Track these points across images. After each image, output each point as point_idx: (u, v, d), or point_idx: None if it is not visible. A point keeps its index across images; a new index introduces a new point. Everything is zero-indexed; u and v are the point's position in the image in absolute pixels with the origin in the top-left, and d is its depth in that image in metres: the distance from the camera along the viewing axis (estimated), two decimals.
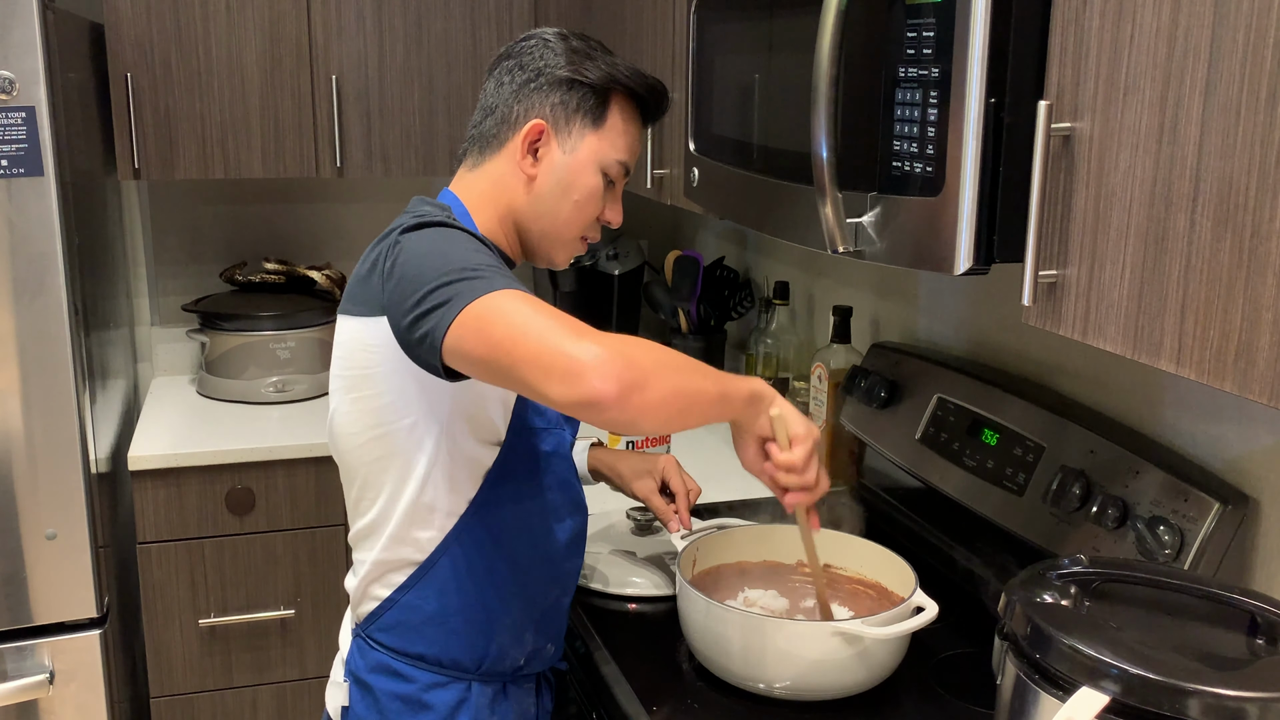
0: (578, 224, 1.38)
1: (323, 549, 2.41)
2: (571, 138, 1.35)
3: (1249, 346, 0.86)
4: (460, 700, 1.36)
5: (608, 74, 1.35)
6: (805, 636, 1.31)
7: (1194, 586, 1.04)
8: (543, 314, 1.11)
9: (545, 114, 1.34)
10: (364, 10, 2.51)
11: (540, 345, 1.09)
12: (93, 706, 2.15)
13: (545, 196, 1.36)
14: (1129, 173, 0.96)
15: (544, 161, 1.35)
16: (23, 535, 2.05)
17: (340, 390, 1.32)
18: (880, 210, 1.16)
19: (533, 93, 1.35)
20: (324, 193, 2.91)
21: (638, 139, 1.41)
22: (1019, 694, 1.00)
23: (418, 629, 1.35)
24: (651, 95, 1.39)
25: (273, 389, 2.60)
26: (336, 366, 1.33)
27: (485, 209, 1.37)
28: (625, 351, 1.09)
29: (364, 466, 1.32)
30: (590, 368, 1.06)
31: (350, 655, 1.40)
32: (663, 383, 1.11)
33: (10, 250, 1.96)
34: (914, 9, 1.09)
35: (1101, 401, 1.52)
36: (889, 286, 2.02)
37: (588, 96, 1.34)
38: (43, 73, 1.93)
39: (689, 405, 1.15)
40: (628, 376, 1.07)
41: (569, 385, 1.07)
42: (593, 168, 1.36)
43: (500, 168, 1.36)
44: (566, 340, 1.08)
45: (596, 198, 1.37)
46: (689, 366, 1.16)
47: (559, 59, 1.35)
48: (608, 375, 1.06)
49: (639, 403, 1.08)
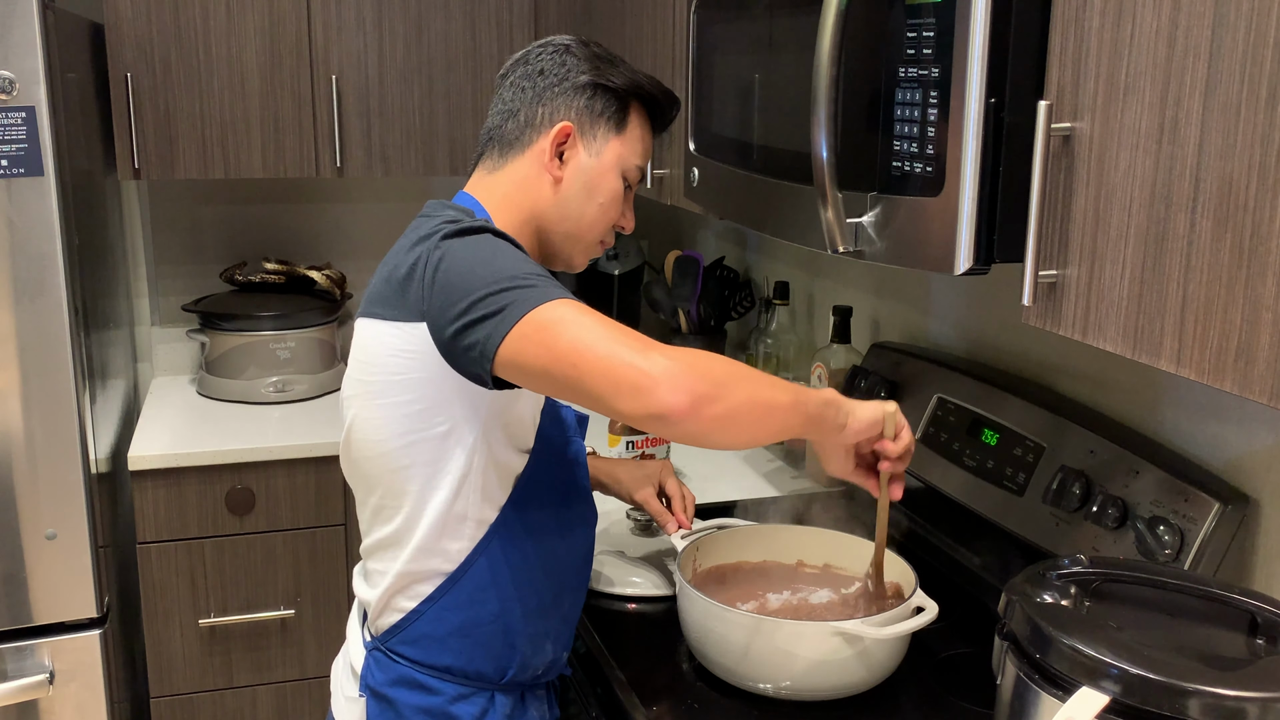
0: (601, 226, 1.39)
1: (323, 549, 2.41)
2: (597, 141, 1.36)
3: (1249, 346, 0.86)
4: (484, 711, 1.34)
5: (630, 80, 1.37)
6: (805, 636, 1.31)
7: (1194, 586, 1.04)
8: (606, 325, 1.11)
9: (571, 117, 1.35)
10: (364, 10, 2.51)
11: (609, 358, 1.09)
12: (93, 706, 2.15)
13: (571, 199, 1.36)
14: (1129, 173, 0.96)
15: (570, 164, 1.36)
16: (23, 535, 2.05)
17: (362, 396, 1.29)
18: (880, 210, 1.16)
19: (558, 96, 1.35)
20: (324, 193, 2.91)
21: (651, 146, 1.43)
22: (1019, 694, 1.00)
23: (444, 641, 1.32)
24: (668, 104, 1.42)
25: (273, 389, 2.60)
26: (358, 371, 1.30)
27: (507, 212, 1.36)
28: (696, 364, 1.09)
29: (388, 475, 1.29)
30: (660, 381, 1.06)
31: (366, 670, 1.35)
32: (735, 394, 1.11)
33: (10, 250, 1.96)
34: (914, 9, 1.09)
35: (1101, 401, 1.52)
36: (889, 286, 2.02)
37: (611, 102, 1.36)
38: (43, 73, 1.93)
39: (763, 416, 1.15)
40: (699, 389, 1.07)
41: (640, 399, 1.07)
42: (615, 171, 1.37)
43: (524, 170, 1.36)
44: (635, 353, 1.08)
45: (618, 201, 1.39)
46: (761, 379, 1.16)
47: (582, 64, 1.36)
48: (678, 388, 1.06)
49: (711, 414, 1.09)
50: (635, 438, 1.84)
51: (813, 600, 1.49)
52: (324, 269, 2.77)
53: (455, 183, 2.98)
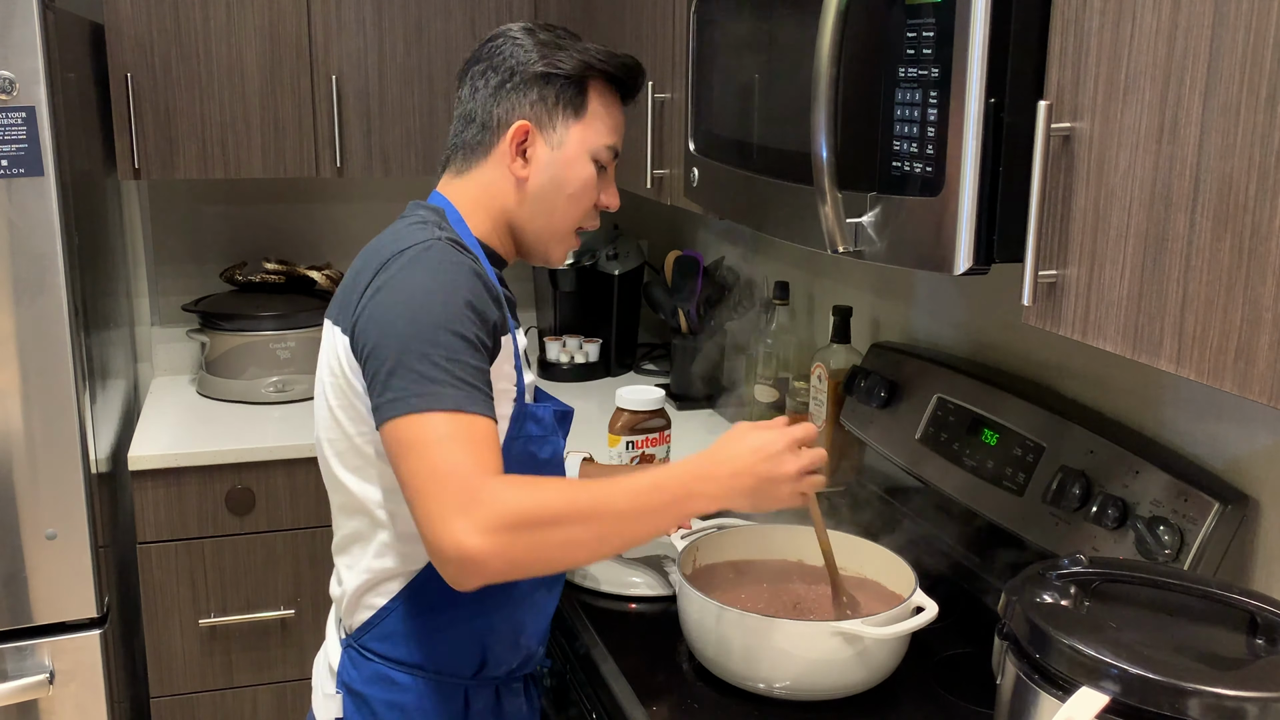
0: (573, 217, 1.38)
1: (323, 549, 2.41)
2: (556, 132, 1.34)
3: (1249, 346, 0.86)
4: (458, 707, 1.35)
5: (581, 61, 1.34)
6: (805, 636, 1.31)
7: (1194, 586, 1.04)
8: (447, 468, 1.12)
9: (526, 112, 1.33)
10: (364, 10, 2.51)
11: (427, 512, 1.12)
12: (93, 706, 2.15)
13: (539, 195, 1.36)
14: (1129, 173, 0.96)
15: (534, 161, 1.34)
16: (23, 535, 2.05)
17: (322, 396, 1.32)
18: (880, 210, 1.16)
19: (510, 93, 1.34)
20: (324, 193, 2.91)
21: (621, 119, 1.40)
22: (1019, 694, 1.00)
23: (414, 637, 1.33)
24: (627, 74, 1.38)
25: (273, 389, 2.60)
26: (322, 371, 1.32)
27: (477, 214, 1.37)
28: (504, 546, 1.10)
29: (348, 474, 1.31)
30: (458, 563, 1.10)
31: (342, 667, 1.37)
32: (548, 550, 1.14)
33: (10, 250, 1.96)
34: (914, 9, 1.09)
35: (1101, 401, 1.52)
36: (889, 286, 2.02)
37: (565, 88, 1.33)
38: (43, 73, 1.93)
39: (596, 544, 1.18)
40: (495, 567, 1.11)
41: (440, 561, 1.12)
42: (583, 158, 1.36)
43: (489, 174, 1.36)
44: (448, 515, 1.10)
45: (591, 187, 1.37)
46: (593, 506, 1.16)
47: (530, 54, 1.33)
48: (475, 572, 1.11)
49: (515, 571, 1.14)
50: (635, 438, 1.84)
51: (812, 600, 1.49)
52: (324, 269, 2.77)
53: None
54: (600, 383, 2.80)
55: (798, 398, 2.10)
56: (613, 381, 2.80)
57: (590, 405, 2.57)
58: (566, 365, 2.79)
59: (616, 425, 1.84)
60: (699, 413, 2.52)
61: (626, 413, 1.83)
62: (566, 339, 2.84)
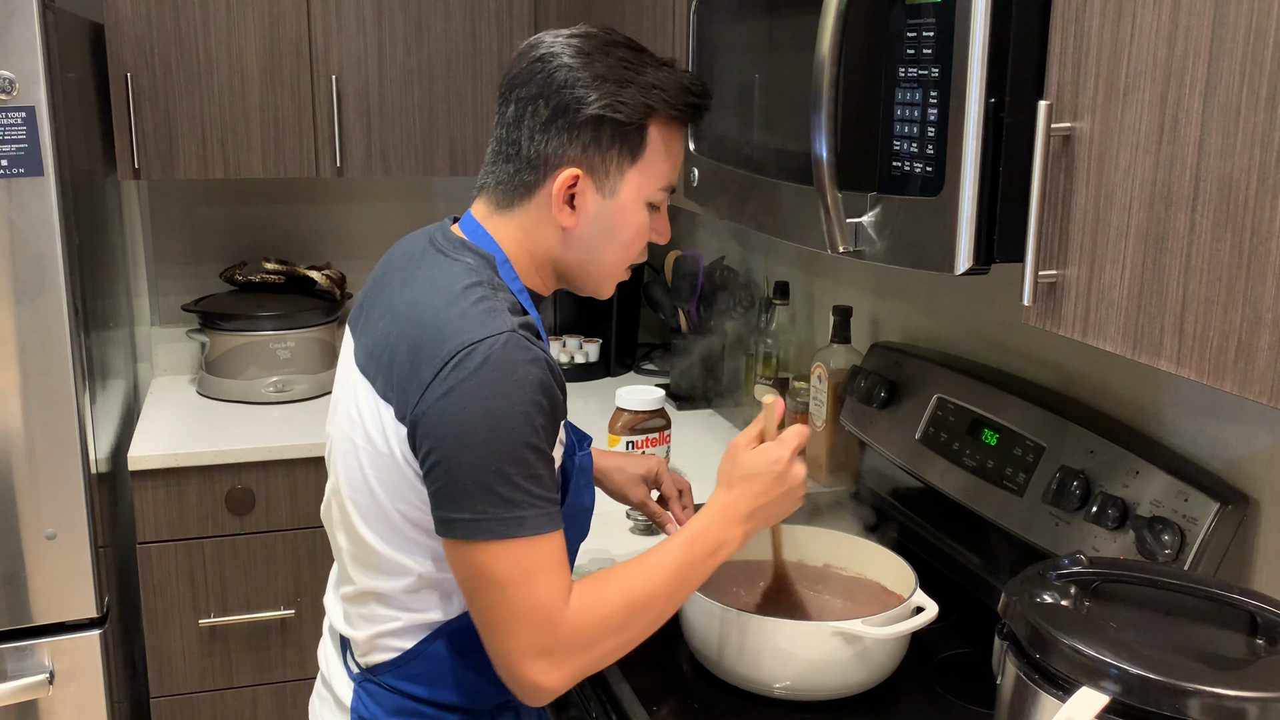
0: (624, 260, 1.29)
1: (323, 549, 2.41)
2: (610, 179, 1.22)
3: (1249, 346, 0.86)
4: None
5: (643, 105, 1.20)
6: (805, 636, 1.31)
7: (1194, 586, 1.04)
8: (536, 606, 1.12)
9: (578, 156, 1.20)
10: (364, 10, 2.51)
11: (511, 646, 1.14)
12: (93, 706, 2.15)
13: (587, 243, 1.25)
14: (1129, 173, 0.96)
15: (582, 210, 1.22)
16: (23, 535, 2.05)
17: (355, 455, 1.22)
18: (880, 210, 1.16)
19: (561, 131, 1.19)
20: (324, 193, 2.91)
21: (680, 149, 1.28)
22: (1019, 694, 1.00)
23: (444, 678, 1.27)
24: (690, 111, 1.25)
25: (273, 389, 2.60)
26: (354, 431, 1.21)
27: (521, 256, 1.26)
28: (578, 671, 1.15)
29: (377, 535, 1.23)
30: (534, 693, 1.15)
31: (357, 701, 1.30)
32: (612, 656, 1.18)
33: (10, 250, 1.96)
34: (914, 9, 1.09)
35: (1101, 401, 1.52)
36: (889, 286, 2.02)
37: (622, 133, 1.20)
38: (43, 73, 1.93)
39: (656, 618, 1.21)
40: (568, 687, 1.16)
41: (517, 690, 1.16)
42: (637, 205, 1.24)
43: (533, 215, 1.24)
44: (530, 656, 1.13)
45: (643, 234, 1.27)
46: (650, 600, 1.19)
47: (587, 91, 1.18)
48: (550, 697, 1.16)
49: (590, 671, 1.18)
50: (635, 437, 1.84)
51: (813, 600, 1.49)
52: (324, 269, 2.77)
53: (455, 183, 2.98)
54: (600, 383, 2.81)
55: (798, 398, 2.10)
56: (613, 381, 2.80)
57: (590, 405, 2.57)
58: (566, 365, 2.80)
59: (616, 425, 1.84)
60: (699, 413, 2.52)
61: (626, 413, 1.83)
62: (566, 339, 2.84)
